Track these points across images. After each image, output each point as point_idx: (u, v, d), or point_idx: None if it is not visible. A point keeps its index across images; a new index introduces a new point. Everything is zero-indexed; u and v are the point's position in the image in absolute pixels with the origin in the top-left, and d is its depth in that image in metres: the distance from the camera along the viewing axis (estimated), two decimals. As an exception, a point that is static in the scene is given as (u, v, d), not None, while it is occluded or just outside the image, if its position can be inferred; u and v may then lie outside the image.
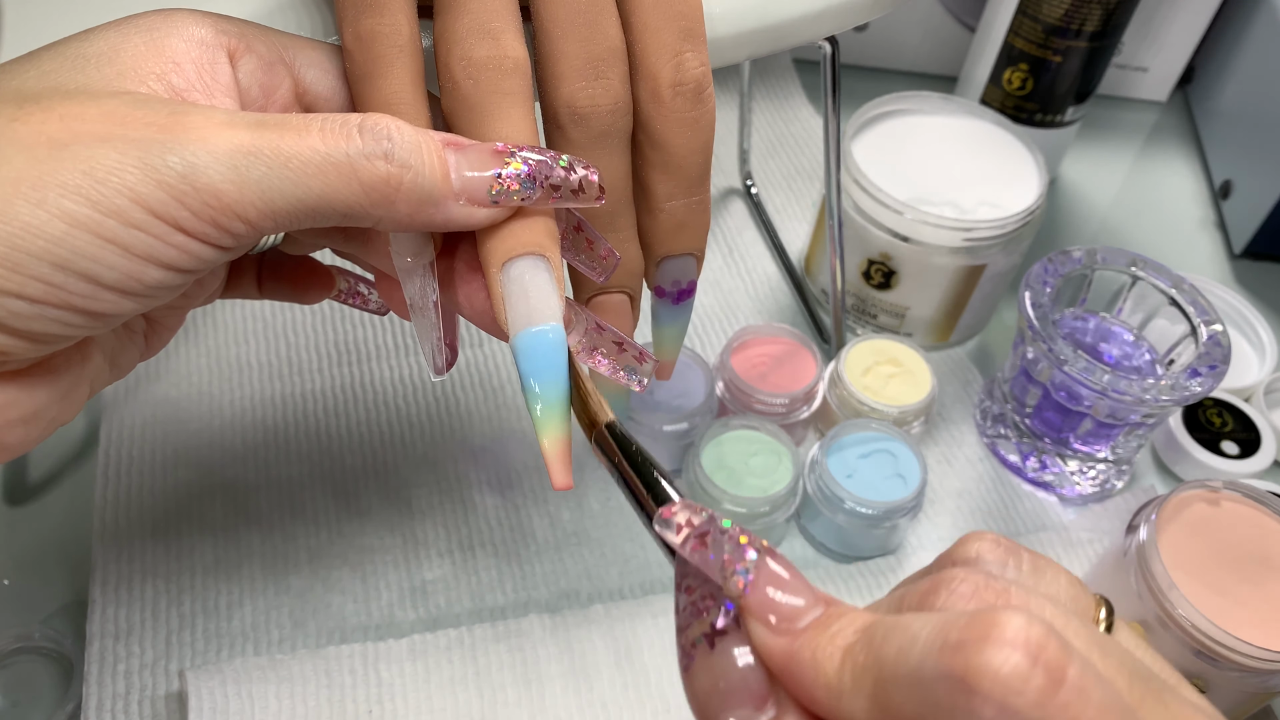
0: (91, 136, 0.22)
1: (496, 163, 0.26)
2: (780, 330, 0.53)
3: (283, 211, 0.24)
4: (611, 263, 0.30)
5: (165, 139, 0.23)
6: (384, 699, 0.42)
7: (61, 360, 0.26)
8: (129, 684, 0.42)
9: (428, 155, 0.25)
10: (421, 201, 0.25)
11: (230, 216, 0.23)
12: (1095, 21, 0.60)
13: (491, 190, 0.26)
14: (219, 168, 0.23)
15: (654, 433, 0.49)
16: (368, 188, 0.24)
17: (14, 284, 0.22)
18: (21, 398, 0.25)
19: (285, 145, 0.23)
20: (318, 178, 0.24)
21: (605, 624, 0.45)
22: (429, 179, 0.25)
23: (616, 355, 0.29)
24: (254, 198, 0.23)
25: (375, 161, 0.24)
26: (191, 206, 0.23)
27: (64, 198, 0.22)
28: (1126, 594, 0.43)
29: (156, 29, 0.26)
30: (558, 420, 0.26)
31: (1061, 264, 0.49)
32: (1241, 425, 0.55)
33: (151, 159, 0.22)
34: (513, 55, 0.27)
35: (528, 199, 0.26)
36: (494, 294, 0.27)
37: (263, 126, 0.24)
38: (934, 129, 0.58)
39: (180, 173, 0.23)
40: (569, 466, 0.26)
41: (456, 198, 0.26)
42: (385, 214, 0.25)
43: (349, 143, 0.24)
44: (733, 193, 0.66)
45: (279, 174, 0.23)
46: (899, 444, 0.49)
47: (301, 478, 0.50)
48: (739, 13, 0.35)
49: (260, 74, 0.28)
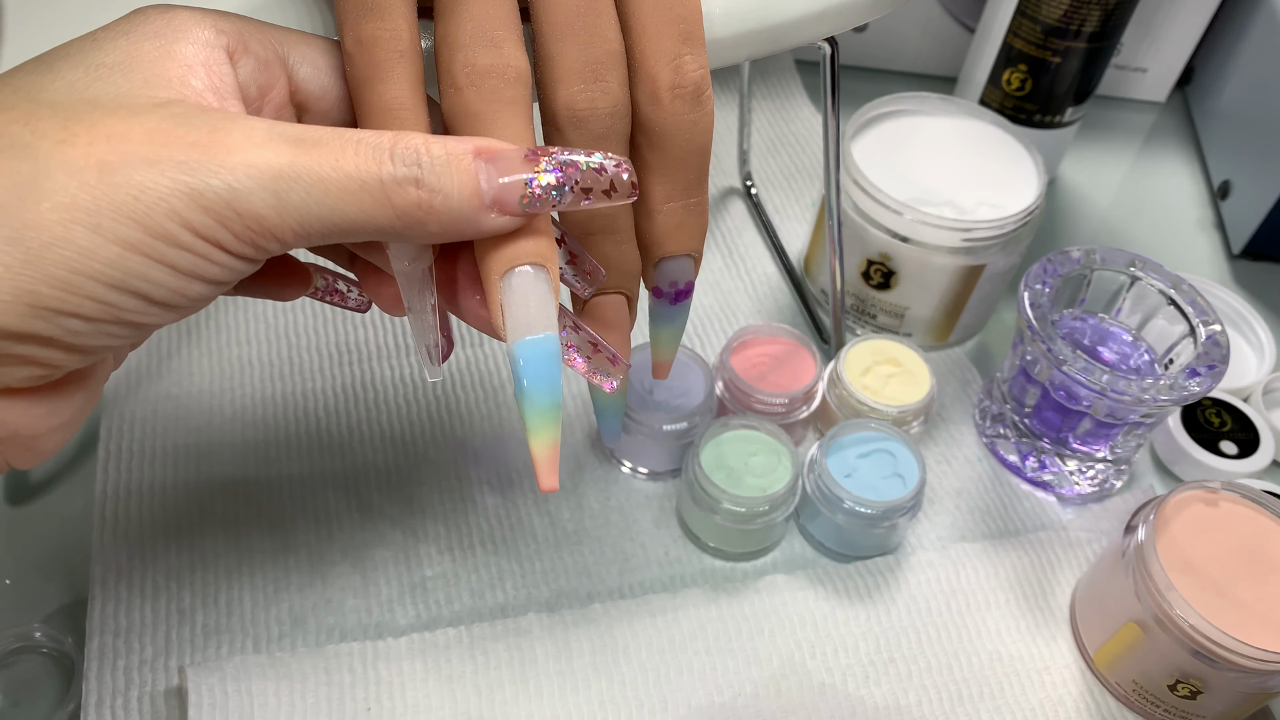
0: (138, 159, 0.23)
1: (527, 170, 0.26)
2: (780, 330, 0.53)
3: (317, 232, 0.25)
4: (597, 277, 0.31)
5: (208, 162, 0.23)
6: (383, 697, 0.42)
7: (93, 368, 0.27)
8: (129, 680, 0.42)
9: (458, 175, 0.25)
10: (453, 221, 0.26)
11: (269, 238, 0.24)
12: (1094, 22, 0.60)
13: (523, 201, 0.26)
14: (261, 193, 0.24)
15: (654, 432, 0.49)
16: (400, 212, 0.25)
17: (72, 305, 0.23)
18: (62, 406, 0.26)
19: (324, 170, 0.24)
20: (353, 203, 0.25)
21: (604, 623, 0.45)
22: (459, 200, 0.25)
23: (591, 354, 0.30)
24: (292, 222, 0.24)
25: (406, 188, 0.25)
26: (233, 229, 0.24)
27: (118, 223, 0.23)
28: (1125, 594, 0.43)
29: (164, 34, 0.26)
30: (549, 426, 0.27)
31: (1060, 264, 0.49)
32: (1240, 425, 0.55)
33: (196, 184, 0.23)
34: (515, 64, 0.28)
35: (558, 205, 0.26)
36: (493, 302, 0.27)
37: (300, 145, 0.24)
38: (934, 129, 0.58)
39: (225, 199, 0.23)
40: (556, 470, 0.27)
41: (488, 210, 0.26)
42: (418, 235, 0.26)
43: (381, 168, 0.25)
44: (732, 193, 0.66)
45: (317, 199, 0.24)
46: (898, 444, 0.49)
47: (302, 476, 0.50)
48: (739, 13, 0.35)
49: (257, 74, 0.28)
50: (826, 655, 0.45)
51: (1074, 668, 0.46)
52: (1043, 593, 0.48)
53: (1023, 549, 0.49)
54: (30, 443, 0.26)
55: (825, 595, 0.47)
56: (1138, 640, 0.43)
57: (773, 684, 0.44)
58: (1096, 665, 0.46)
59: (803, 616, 0.46)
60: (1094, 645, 0.46)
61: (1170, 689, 0.43)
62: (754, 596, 0.46)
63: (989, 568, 0.48)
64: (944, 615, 0.47)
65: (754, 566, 0.49)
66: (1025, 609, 0.47)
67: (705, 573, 0.48)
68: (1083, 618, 0.47)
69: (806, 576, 0.47)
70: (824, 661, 0.45)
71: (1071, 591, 0.48)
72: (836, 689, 0.44)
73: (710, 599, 0.46)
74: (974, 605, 0.47)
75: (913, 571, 0.48)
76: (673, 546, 0.49)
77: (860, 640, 0.46)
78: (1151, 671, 0.43)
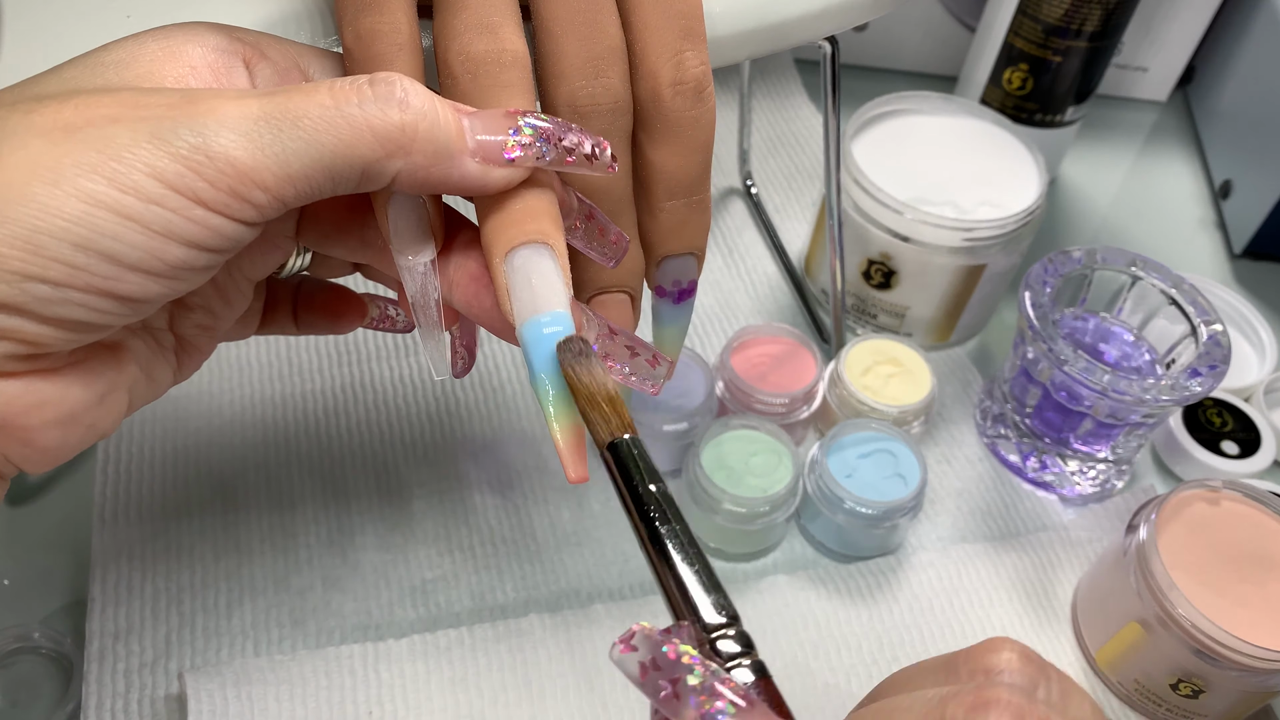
0: (104, 119, 0.23)
1: (509, 124, 0.26)
2: (780, 330, 0.53)
3: (299, 175, 0.24)
4: (622, 246, 0.30)
5: (177, 115, 0.23)
6: (384, 700, 0.42)
7: (95, 361, 0.26)
8: (129, 683, 0.42)
9: (442, 108, 0.25)
10: (437, 152, 0.25)
11: (248, 184, 0.23)
12: (1095, 21, 0.60)
13: (506, 147, 0.26)
14: (232, 135, 0.23)
15: (654, 432, 0.49)
16: (382, 138, 0.24)
17: (36, 267, 0.22)
18: (56, 396, 0.25)
19: (295, 107, 0.24)
20: (330, 133, 0.24)
21: (606, 624, 0.45)
22: (444, 129, 0.25)
23: (630, 360, 0.29)
24: (269, 162, 0.23)
25: (389, 110, 0.24)
26: (208, 177, 0.23)
27: (80, 176, 0.22)
28: (1126, 593, 0.43)
29: (173, 37, 0.26)
30: (569, 409, 0.26)
31: (1061, 264, 0.49)
32: (1241, 425, 0.55)
33: (164, 133, 0.23)
34: (511, 49, 0.27)
35: (542, 159, 0.26)
36: (498, 284, 0.27)
37: (272, 94, 0.24)
38: (934, 129, 0.58)
39: (194, 144, 0.23)
40: (584, 458, 0.26)
41: (472, 155, 0.26)
42: (403, 164, 0.25)
43: (360, 95, 0.24)
44: (733, 192, 0.66)
45: (291, 134, 0.23)
46: (899, 444, 0.49)
47: (302, 476, 0.50)
48: (739, 12, 0.35)
49: (276, 81, 0.28)
50: (829, 655, 0.45)
51: (1076, 667, 0.46)
52: (1044, 592, 0.48)
53: (1024, 549, 0.49)
54: (25, 436, 0.25)
55: (827, 595, 0.47)
56: (1139, 639, 0.43)
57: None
58: (1098, 665, 0.46)
59: (804, 617, 0.46)
60: (1096, 645, 0.46)
61: (1172, 688, 0.42)
62: (755, 597, 0.46)
63: (990, 568, 0.48)
64: (946, 613, 0.47)
65: (754, 567, 0.49)
66: (1027, 608, 0.47)
67: (706, 573, 0.48)
68: (1084, 617, 0.46)
69: (808, 577, 0.47)
70: (827, 661, 0.45)
71: (1073, 591, 0.48)
72: (840, 689, 0.44)
73: (711, 599, 0.46)
74: (976, 604, 0.47)
75: (914, 571, 0.48)
76: (674, 547, 0.49)
77: (863, 640, 0.45)
78: (1153, 671, 0.43)
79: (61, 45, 0.31)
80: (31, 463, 0.25)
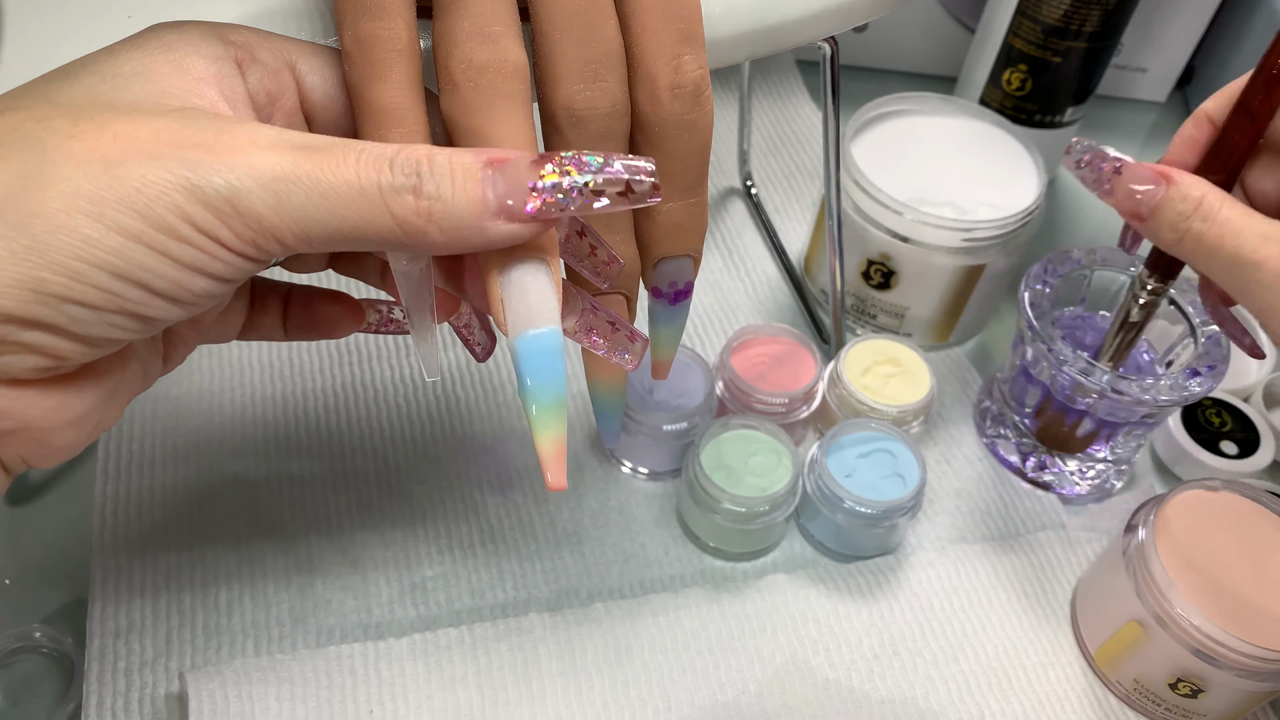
0: (142, 154, 0.23)
1: (534, 176, 0.25)
2: (780, 330, 0.53)
3: (318, 237, 0.25)
4: (615, 270, 0.30)
5: (211, 160, 0.24)
6: (384, 699, 0.42)
7: (106, 365, 0.27)
8: (129, 681, 0.42)
9: (459, 183, 0.25)
10: (456, 229, 0.25)
11: (268, 238, 0.25)
12: (1094, 22, 0.60)
13: (531, 205, 0.26)
14: (261, 193, 0.24)
15: (654, 432, 0.49)
16: (400, 221, 0.25)
17: (75, 292, 0.23)
18: (72, 400, 0.26)
19: (324, 175, 0.24)
20: (352, 209, 0.25)
21: (606, 622, 0.45)
22: (461, 208, 0.25)
23: (610, 335, 0.30)
24: (291, 224, 0.24)
25: (404, 195, 0.25)
26: (233, 227, 0.24)
27: (120, 213, 0.23)
28: (1125, 593, 0.43)
29: (176, 48, 0.26)
30: (554, 422, 0.27)
31: (1061, 264, 0.49)
32: (1240, 425, 0.55)
33: (198, 180, 0.24)
34: (513, 59, 0.27)
35: (567, 210, 0.26)
36: (493, 297, 0.27)
37: (304, 151, 0.24)
38: (934, 129, 0.58)
39: (225, 196, 0.24)
40: (564, 468, 0.27)
41: (495, 218, 0.25)
42: (422, 244, 0.26)
43: (380, 175, 0.25)
44: (732, 193, 0.66)
45: (316, 203, 0.24)
46: (898, 444, 0.49)
47: (302, 476, 0.50)
48: (739, 13, 0.35)
49: (266, 81, 0.28)
50: (830, 651, 0.45)
51: (1075, 666, 0.46)
52: (1043, 592, 0.48)
53: (1023, 549, 0.49)
54: (42, 437, 0.26)
55: (827, 593, 0.47)
56: (1138, 639, 0.43)
57: (776, 682, 0.44)
58: (1097, 664, 0.46)
59: (805, 614, 0.46)
60: (1095, 644, 0.46)
61: (1171, 688, 0.43)
62: (756, 595, 0.46)
63: (989, 567, 0.48)
64: (946, 610, 0.47)
65: (754, 566, 0.49)
66: (1026, 608, 0.47)
67: (705, 573, 0.48)
68: (1083, 617, 0.47)
69: (808, 575, 0.47)
70: (828, 658, 0.45)
71: (1072, 591, 0.48)
72: (841, 684, 0.44)
73: (712, 598, 0.46)
74: (975, 603, 0.47)
75: (913, 570, 0.48)
76: (673, 546, 0.49)
77: (864, 636, 0.46)
78: (1152, 670, 0.43)
79: (62, 46, 0.31)
80: (44, 460, 0.27)
